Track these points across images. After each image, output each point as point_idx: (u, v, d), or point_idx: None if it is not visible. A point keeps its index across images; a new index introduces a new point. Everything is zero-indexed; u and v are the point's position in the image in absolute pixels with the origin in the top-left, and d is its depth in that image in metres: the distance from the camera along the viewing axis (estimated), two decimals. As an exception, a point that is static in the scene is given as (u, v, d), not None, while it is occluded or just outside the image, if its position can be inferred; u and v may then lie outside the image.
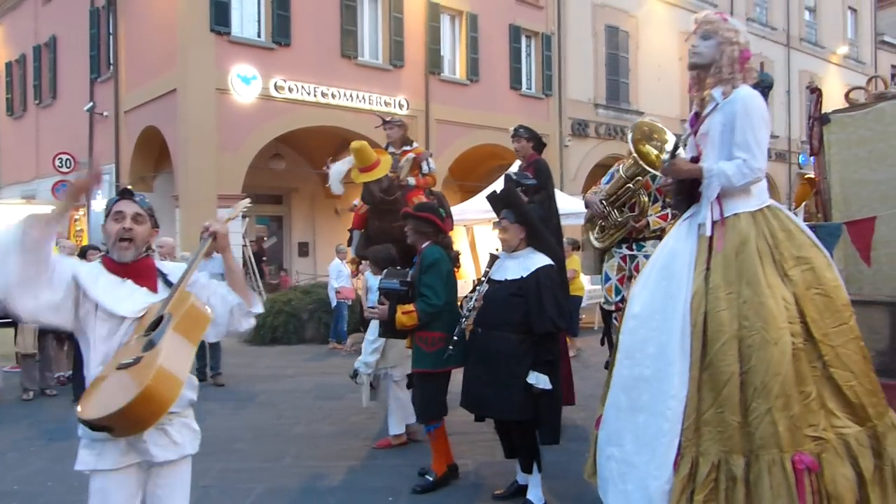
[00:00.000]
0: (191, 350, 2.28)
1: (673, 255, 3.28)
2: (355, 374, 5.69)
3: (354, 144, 5.68)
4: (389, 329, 4.61)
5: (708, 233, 3.18)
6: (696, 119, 3.40)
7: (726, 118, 3.19)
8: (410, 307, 4.43)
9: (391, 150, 6.22)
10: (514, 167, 6.62)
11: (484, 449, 5.42)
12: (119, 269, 2.38)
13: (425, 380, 4.60)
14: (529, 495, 4.24)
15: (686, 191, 3.36)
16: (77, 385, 7.48)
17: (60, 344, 8.24)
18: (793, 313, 2.99)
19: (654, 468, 3.04)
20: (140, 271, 2.41)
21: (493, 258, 4.32)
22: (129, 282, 2.38)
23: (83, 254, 7.82)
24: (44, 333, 7.75)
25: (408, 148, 6.22)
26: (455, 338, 4.26)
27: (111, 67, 15.00)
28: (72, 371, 7.85)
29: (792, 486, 2.78)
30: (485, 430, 5.72)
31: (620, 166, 5.26)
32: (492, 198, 4.62)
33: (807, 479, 2.80)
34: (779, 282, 3.05)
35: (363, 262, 6.77)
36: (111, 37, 15.02)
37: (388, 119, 6.36)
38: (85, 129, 16.04)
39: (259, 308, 2.67)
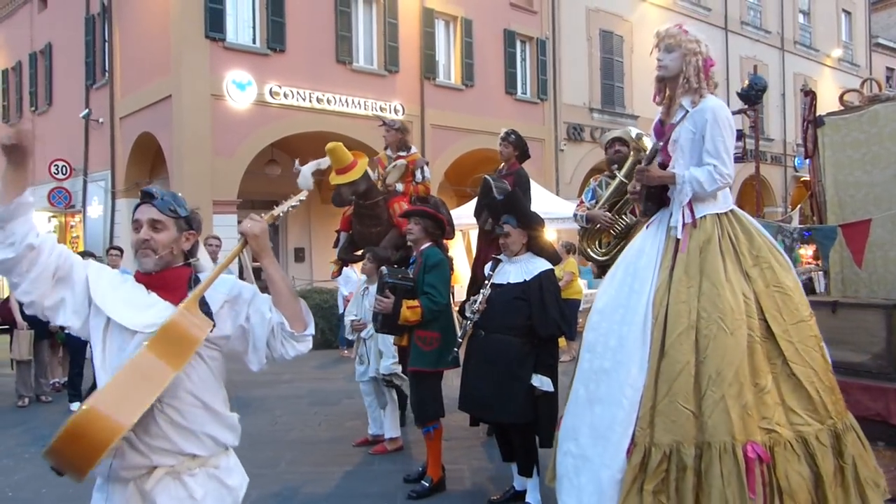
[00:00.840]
0: (165, 376, 1.86)
1: (639, 253, 3.39)
2: (390, 382, 5.61)
3: (329, 145, 5.65)
4: (387, 324, 4.62)
5: (679, 235, 3.28)
6: (661, 127, 3.54)
7: (696, 126, 3.32)
8: (415, 303, 4.48)
9: (388, 153, 6.17)
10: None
11: (478, 454, 5.41)
12: (144, 279, 2.13)
13: (422, 379, 4.60)
14: (528, 498, 4.25)
15: (655, 196, 3.48)
16: (73, 391, 7.46)
17: (55, 350, 8.20)
18: (751, 308, 3.08)
19: (607, 458, 3.08)
20: (166, 282, 2.10)
21: (497, 262, 4.33)
22: (154, 294, 2.10)
23: None
24: (39, 339, 7.73)
25: (403, 154, 6.14)
26: (460, 340, 4.28)
27: (106, 74, 14.97)
28: (67, 378, 7.81)
29: (742, 473, 2.81)
30: (481, 436, 5.71)
31: (602, 179, 5.20)
32: (492, 204, 4.62)
33: (757, 469, 2.83)
34: (740, 278, 3.15)
35: (348, 264, 6.74)
36: (106, 43, 14.98)
37: (387, 121, 6.29)
38: (80, 135, 15.99)
39: (311, 329, 2.20)
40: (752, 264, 3.19)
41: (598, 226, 4.80)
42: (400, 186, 5.92)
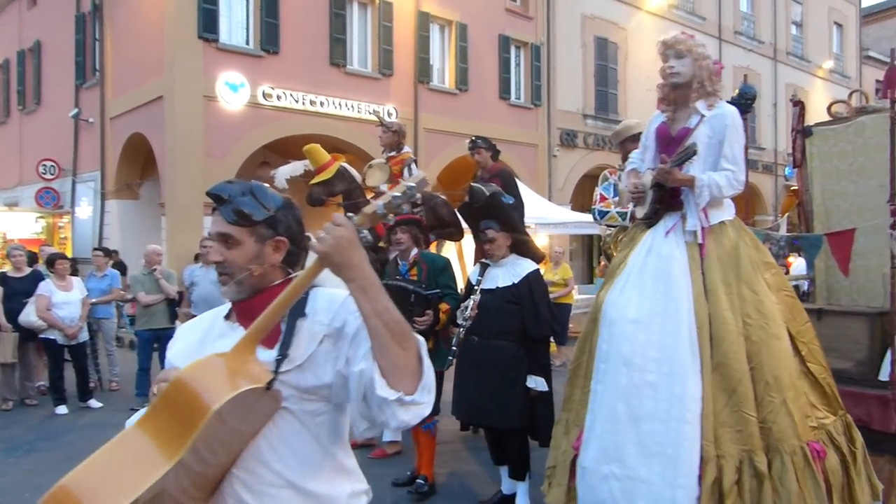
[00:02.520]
0: (156, 469, 1.27)
1: (669, 260, 3.29)
2: None
3: (307, 146, 5.74)
4: (425, 335, 4.52)
5: (700, 240, 3.27)
6: (668, 131, 3.49)
7: (714, 131, 3.30)
8: (447, 306, 4.60)
9: (384, 153, 6.22)
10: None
11: (466, 457, 5.41)
12: (237, 309, 1.65)
13: (439, 378, 4.62)
14: (519, 501, 4.26)
15: (665, 200, 3.42)
16: (57, 395, 7.40)
17: (40, 353, 8.14)
18: (782, 313, 3.16)
19: (676, 475, 2.91)
20: (251, 312, 1.52)
21: (485, 266, 4.33)
22: (240, 327, 1.59)
23: (51, 262, 7.70)
24: (24, 342, 7.66)
25: (394, 154, 6.18)
26: (454, 348, 4.26)
27: (97, 74, 14.91)
28: (49, 382, 7.72)
29: (816, 472, 2.89)
30: (468, 440, 5.70)
31: (620, 174, 5.11)
32: (470, 210, 4.61)
33: (821, 466, 2.94)
34: (765, 284, 3.20)
35: None
36: (97, 42, 14.92)
37: (385, 122, 6.33)
38: (70, 135, 15.91)
39: (423, 391, 1.44)
40: (764, 269, 3.26)
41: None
42: (385, 188, 5.93)
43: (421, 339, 1.48)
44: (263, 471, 1.49)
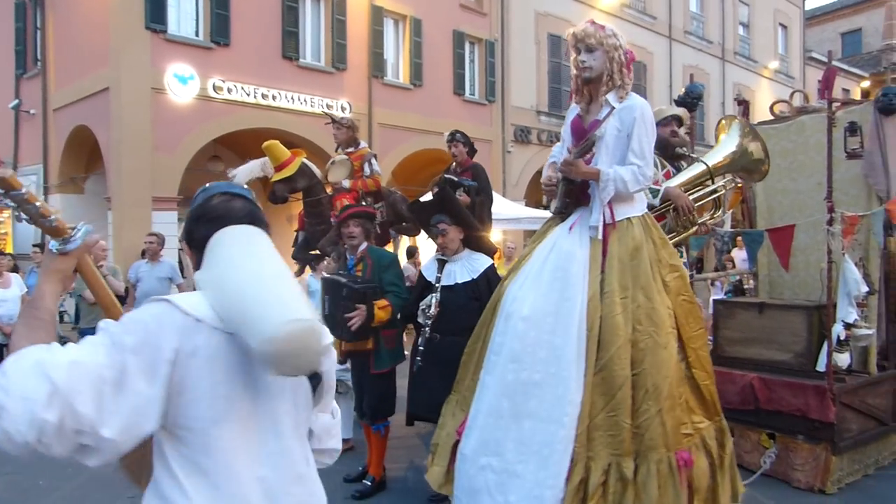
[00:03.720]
0: None
1: (568, 257, 3.26)
2: (336, 389, 5.50)
3: (266, 143, 5.66)
4: (360, 331, 4.31)
5: (600, 236, 3.22)
6: (581, 122, 3.44)
7: (623, 124, 3.25)
8: (385, 302, 4.36)
9: (339, 150, 6.17)
10: None
11: (419, 452, 5.41)
12: None
13: (384, 378, 4.57)
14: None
15: (574, 194, 3.38)
16: None
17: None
18: (673, 320, 3.14)
19: (547, 476, 2.98)
20: None
21: (442, 263, 4.31)
22: None
23: None
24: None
25: (352, 150, 6.14)
26: (421, 348, 4.21)
27: (38, 63, 14.39)
28: None
29: (677, 482, 2.93)
30: (423, 435, 5.71)
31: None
32: (421, 205, 4.58)
33: (685, 475, 2.98)
34: (662, 288, 3.17)
35: (307, 264, 6.68)
36: (38, 31, 14.40)
37: (336, 119, 6.25)
38: (10, 127, 15.35)
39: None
40: (667, 272, 3.20)
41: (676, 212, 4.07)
42: (346, 183, 5.89)
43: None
44: None
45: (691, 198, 4.17)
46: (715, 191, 4.41)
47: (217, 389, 1.35)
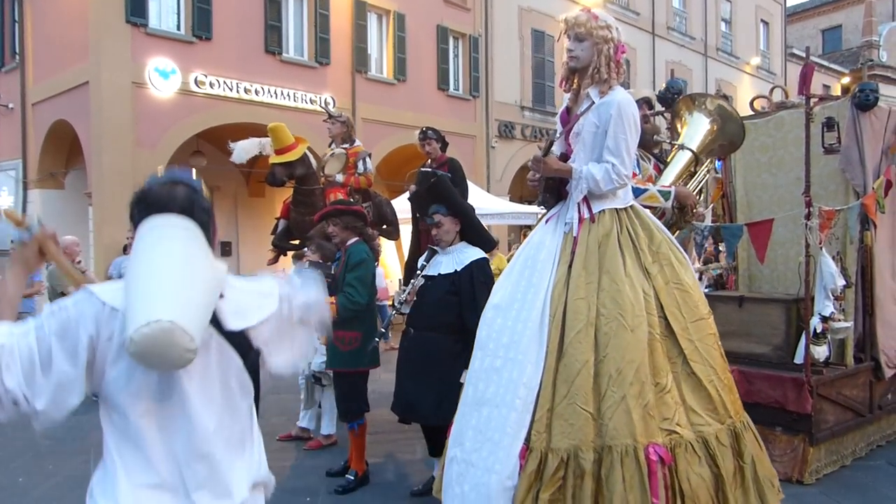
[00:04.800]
0: None
1: (538, 247, 3.20)
2: (318, 380, 5.48)
3: (272, 124, 5.68)
4: None
5: (575, 233, 3.12)
6: (567, 115, 3.35)
7: (600, 120, 3.13)
8: (331, 299, 4.29)
9: (333, 145, 6.23)
10: None
11: (403, 447, 5.43)
12: None
13: (342, 378, 4.57)
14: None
15: (554, 188, 3.31)
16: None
17: None
18: (651, 305, 2.95)
19: (494, 463, 2.84)
20: None
21: (433, 252, 4.25)
22: None
23: None
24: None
25: (346, 146, 6.19)
26: (382, 330, 4.22)
27: (16, 57, 14.17)
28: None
29: (645, 477, 2.66)
30: (406, 429, 5.73)
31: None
32: (418, 194, 4.56)
33: (660, 472, 2.69)
34: (640, 274, 3.01)
35: (285, 253, 6.68)
36: (16, 24, 14.17)
37: (332, 114, 6.35)
38: (-12, 121, 15.12)
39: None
40: (651, 260, 3.07)
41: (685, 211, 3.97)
42: (340, 177, 5.93)
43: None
44: None
45: (689, 188, 4.15)
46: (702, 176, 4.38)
47: (133, 371, 1.51)
